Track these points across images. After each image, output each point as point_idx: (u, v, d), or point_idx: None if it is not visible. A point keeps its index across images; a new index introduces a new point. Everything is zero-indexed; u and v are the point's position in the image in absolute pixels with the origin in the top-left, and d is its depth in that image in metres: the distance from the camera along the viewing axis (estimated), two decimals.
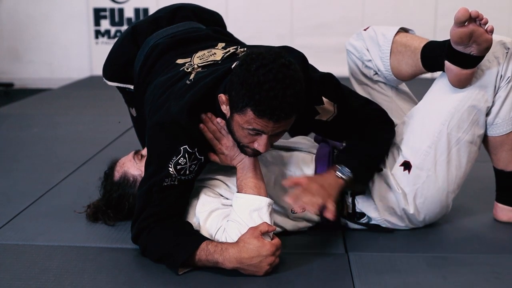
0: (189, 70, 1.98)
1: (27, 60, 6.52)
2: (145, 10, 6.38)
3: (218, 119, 1.89)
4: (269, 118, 1.68)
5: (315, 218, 2.08)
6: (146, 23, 2.35)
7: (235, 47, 2.07)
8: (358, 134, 2.03)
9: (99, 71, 6.94)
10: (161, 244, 1.83)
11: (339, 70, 2.71)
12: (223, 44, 2.12)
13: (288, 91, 1.65)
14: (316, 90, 1.90)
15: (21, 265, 1.89)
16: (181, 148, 1.86)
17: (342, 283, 1.77)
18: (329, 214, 1.80)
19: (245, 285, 1.75)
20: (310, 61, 1.94)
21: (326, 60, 6.01)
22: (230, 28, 2.44)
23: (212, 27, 2.33)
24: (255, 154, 1.86)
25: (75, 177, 2.81)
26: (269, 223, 1.83)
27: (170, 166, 1.86)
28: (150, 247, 1.87)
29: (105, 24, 6.45)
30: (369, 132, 2.02)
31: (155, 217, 1.87)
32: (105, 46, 6.45)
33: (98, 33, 6.46)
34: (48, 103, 5.01)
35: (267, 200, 1.87)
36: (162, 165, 1.87)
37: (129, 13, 6.41)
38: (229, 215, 1.88)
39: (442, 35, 2.01)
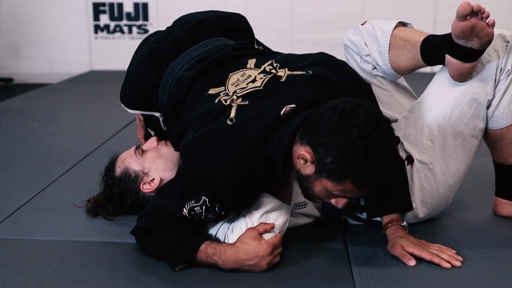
0: (227, 103, 1.80)
1: (26, 55, 6.51)
2: (144, 5, 6.36)
3: None
4: (368, 190, 1.63)
5: (316, 214, 2.08)
6: (166, 46, 2.12)
7: (269, 63, 1.91)
8: None
9: (98, 66, 6.96)
10: (161, 243, 1.82)
11: None
12: (254, 61, 1.96)
13: (392, 159, 1.62)
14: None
15: (21, 260, 1.89)
16: (202, 198, 1.73)
17: (342, 277, 1.77)
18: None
19: (245, 278, 1.75)
20: None
21: None
22: None
23: (238, 42, 2.12)
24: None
25: (75, 171, 2.81)
26: (277, 223, 1.82)
27: (185, 207, 1.75)
28: (150, 245, 1.86)
29: (104, 19, 6.44)
30: None
31: (159, 224, 1.84)
32: (105, 41, 6.45)
33: (97, 28, 6.45)
34: (47, 98, 5.01)
35: (279, 204, 1.84)
36: (179, 200, 1.77)
37: (128, 8, 6.40)
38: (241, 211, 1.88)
39: (442, 30, 2.01)
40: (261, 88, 1.83)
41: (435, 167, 2.03)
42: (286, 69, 1.88)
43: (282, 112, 1.72)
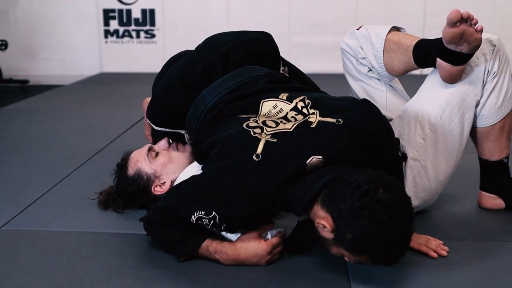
0: (256, 134, 1.71)
1: (41, 58, 6.51)
2: (151, 11, 6.35)
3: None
4: (384, 265, 1.60)
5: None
6: (197, 72, 2.01)
7: (301, 98, 1.82)
8: None
9: (108, 68, 6.96)
10: (167, 238, 1.81)
11: (334, 67, 2.71)
12: (286, 95, 1.85)
13: (405, 245, 1.57)
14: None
15: (36, 250, 1.89)
16: (213, 213, 1.68)
17: (337, 268, 1.76)
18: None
19: (245, 268, 1.75)
20: (307, 59, 1.92)
21: (321, 57, 6.04)
22: (231, 27, 2.40)
23: (269, 71, 2.02)
24: None
25: (87, 167, 2.80)
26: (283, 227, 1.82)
27: (193, 216, 1.70)
28: (157, 237, 1.86)
29: (114, 24, 6.44)
30: None
31: (166, 219, 1.81)
32: (114, 45, 6.44)
33: (107, 33, 6.44)
34: (60, 99, 5.00)
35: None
36: (190, 208, 1.72)
37: (136, 14, 6.39)
38: None
39: (431, 34, 2.01)
40: (291, 130, 1.73)
41: (427, 164, 2.03)
42: (318, 113, 1.78)
43: (308, 162, 1.64)
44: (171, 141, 2.16)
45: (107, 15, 6.41)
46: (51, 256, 1.84)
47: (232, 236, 1.79)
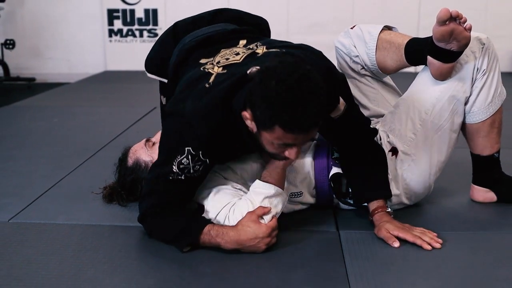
0: (208, 70, 1.84)
1: (47, 57, 6.51)
2: (154, 11, 6.35)
3: None
4: (299, 132, 1.57)
5: (311, 201, 2.08)
6: (186, 22, 2.21)
7: (255, 43, 1.92)
8: (359, 146, 1.98)
9: (112, 67, 6.97)
10: (167, 229, 1.82)
11: None
12: (245, 42, 1.97)
13: (312, 104, 1.51)
14: (338, 91, 1.82)
15: (43, 242, 1.89)
16: (186, 149, 1.75)
17: (333, 257, 1.77)
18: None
19: (246, 259, 1.75)
20: None
21: None
22: None
23: (242, 27, 2.14)
24: (285, 159, 1.75)
25: (91, 162, 2.81)
26: (275, 210, 1.82)
27: (174, 164, 1.77)
28: (156, 231, 1.86)
29: (117, 24, 6.43)
30: (368, 145, 2.00)
31: (161, 206, 1.82)
32: (118, 44, 6.44)
33: (111, 32, 6.44)
34: (66, 96, 5.01)
35: (281, 192, 1.86)
36: (167, 160, 1.79)
37: (139, 13, 6.39)
38: (243, 194, 1.89)
39: (425, 34, 2.01)
40: (239, 61, 1.84)
41: (418, 158, 2.03)
42: (265, 47, 1.88)
43: (248, 72, 1.69)
44: None
45: (111, 15, 6.41)
46: (57, 248, 1.84)
47: (232, 218, 1.81)
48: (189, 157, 1.76)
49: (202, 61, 1.92)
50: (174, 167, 1.77)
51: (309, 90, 1.51)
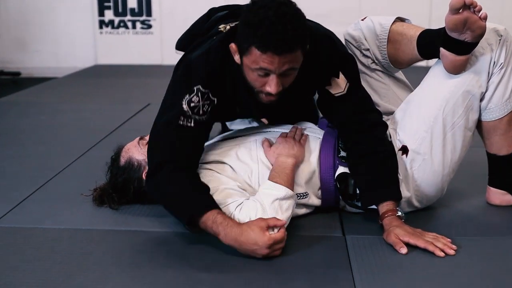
0: (220, 29, 2.02)
1: (33, 50, 6.51)
2: (148, 1, 6.36)
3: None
4: (273, 51, 1.70)
5: (316, 203, 2.08)
6: (221, 6, 2.38)
7: None
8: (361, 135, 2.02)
9: (103, 60, 6.96)
10: (172, 196, 1.86)
11: None
12: None
13: (289, 25, 1.69)
14: (337, 62, 1.98)
15: (29, 248, 1.89)
16: (195, 88, 1.91)
17: (340, 264, 1.77)
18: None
19: (247, 265, 1.75)
20: None
21: None
22: None
23: None
24: (270, 102, 1.88)
25: (81, 162, 2.81)
26: (286, 215, 1.84)
27: (184, 103, 1.90)
28: (160, 194, 1.90)
29: (109, 15, 6.43)
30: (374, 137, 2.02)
31: (172, 164, 1.88)
32: (109, 36, 6.44)
33: (102, 23, 6.44)
34: (54, 91, 5.00)
35: (292, 194, 1.88)
36: (176, 102, 1.92)
37: (132, 3, 6.39)
38: (253, 194, 1.93)
39: (437, 25, 2.01)
40: None
41: (430, 157, 2.03)
42: None
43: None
44: None
45: (102, 4, 6.41)
46: (44, 254, 1.84)
47: (237, 216, 1.83)
48: (199, 94, 1.92)
49: (220, 26, 2.06)
50: (184, 105, 1.91)
51: (288, 14, 1.71)
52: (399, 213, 1.93)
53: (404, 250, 1.81)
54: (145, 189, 2.08)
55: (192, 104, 1.91)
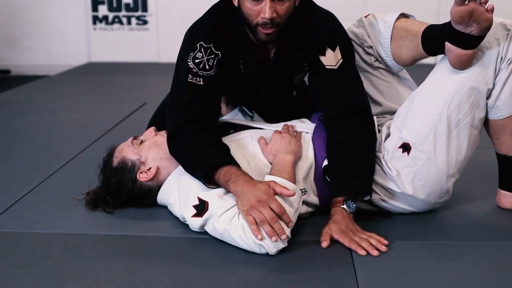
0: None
1: (24, 47, 6.51)
2: None
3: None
4: None
5: (315, 201, 2.10)
6: None
7: None
8: (343, 127, 2.08)
9: (97, 58, 6.93)
10: (190, 155, 1.99)
11: None
12: None
13: None
14: (334, 33, 2.10)
15: (19, 253, 1.90)
16: (197, 44, 2.08)
17: (343, 270, 1.77)
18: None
19: (248, 269, 1.76)
20: None
21: None
22: None
23: None
24: (269, 38, 2.01)
25: (74, 164, 2.82)
26: (295, 208, 1.88)
27: (189, 60, 2.07)
28: (179, 154, 2.03)
29: (103, 10, 6.44)
30: (355, 128, 2.07)
31: (192, 125, 2.02)
32: (103, 32, 6.45)
33: (96, 19, 6.45)
34: (45, 90, 5.01)
35: (295, 188, 1.92)
36: (183, 61, 2.08)
37: None
38: None
39: (445, 20, 2.01)
40: None
41: (434, 156, 2.03)
42: None
43: None
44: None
45: None
46: (35, 260, 1.85)
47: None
48: (202, 50, 2.07)
49: None
50: (189, 63, 2.07)
51: None
52: (344, 206, 1.97)
53: (324, 244, 1.88)
54: (139, 191, 2.11)
55: (196, 61, 2.06)
